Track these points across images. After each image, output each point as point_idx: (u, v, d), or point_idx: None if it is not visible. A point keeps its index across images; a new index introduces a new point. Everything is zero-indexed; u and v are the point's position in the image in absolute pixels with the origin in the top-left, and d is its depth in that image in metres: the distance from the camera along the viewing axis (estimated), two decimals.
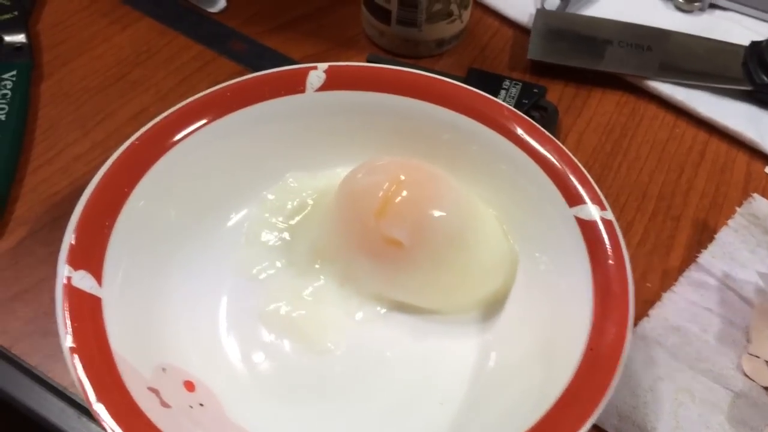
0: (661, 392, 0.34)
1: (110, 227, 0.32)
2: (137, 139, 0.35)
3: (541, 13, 0.49)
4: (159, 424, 0.27)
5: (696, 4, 0.51)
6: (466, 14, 0.47)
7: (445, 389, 0.34)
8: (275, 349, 0.35)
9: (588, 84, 0.47)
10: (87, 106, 0.44)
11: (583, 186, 0.34)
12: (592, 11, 0.50)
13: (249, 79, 0.38)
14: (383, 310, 0.36)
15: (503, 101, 0.40)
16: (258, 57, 0.47)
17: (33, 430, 0.33)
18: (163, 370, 0.31)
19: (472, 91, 0.38)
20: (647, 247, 0.39)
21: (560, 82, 0.47)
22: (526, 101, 0.44)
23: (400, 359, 0.35)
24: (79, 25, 0.48)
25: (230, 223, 0.37)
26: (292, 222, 0.38)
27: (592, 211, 0.33)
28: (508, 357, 0.33)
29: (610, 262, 0.31)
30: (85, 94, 0.44)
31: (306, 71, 0.38)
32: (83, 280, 0.30)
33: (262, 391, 0.33)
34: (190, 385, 0.32)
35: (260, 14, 0.50)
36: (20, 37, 0.45)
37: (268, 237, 0.37)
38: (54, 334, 0.35)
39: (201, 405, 0.31)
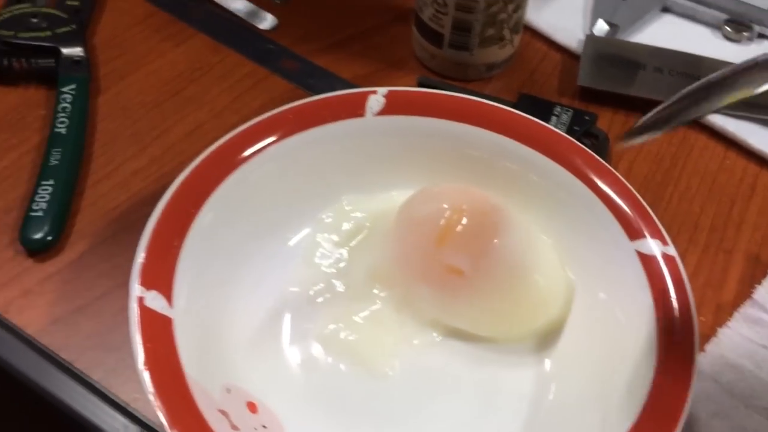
0: (716, 429, 0.34)
1: (178, 248, 0.33)
2: (202, 161, 0.35)
3: (591, 39, 0.49)
4: None
5: (745, 34, 0.51)
6: (517, 39, 0.48)
7: (500, 421, 0.34)
8: (333, 371, 0.35)
9: (638, 111, 0.47)
10: (143, 121, 0.45)
11: (644, 220, 0.34)
12: (641, 38, 0.51)
13: (310, 102, 0.38)
14: (439, 337, 0.36)
15: (554, 128, 0.41)
16: (309, 76, 0.48)
17: None
18: (228, 390, 0.32)
19: (530, 119, 0.39)
20: (700, 281, 0.40)
21: (609, 109, 0.47)
22: (578, 128, 0.44)
23: (455, 387, 0.35)
24: (135, 40, 0.49)
25: (290, 244, 0.38)
26: (350, 245, 0.38)
27: (653, 245, 0.34)
28: (567, 392, 0.34)
29: (674, 302, 0.32)
30: (142, 108, 0.45)
31: (366, 95, 0.39)
32: (155, 301, 0.31)
33: (321, 413, 0.34)
34: (252, 407, 0.32)
35: (311, 33, 0.50)
36: (78, 51, 0.46)
37: (326, 259, 0.38)
38: (116, 349, 0.36)
39: (264, 427, 0.32)
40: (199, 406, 0.29)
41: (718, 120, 0.46)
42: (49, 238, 0.38)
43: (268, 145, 0.37)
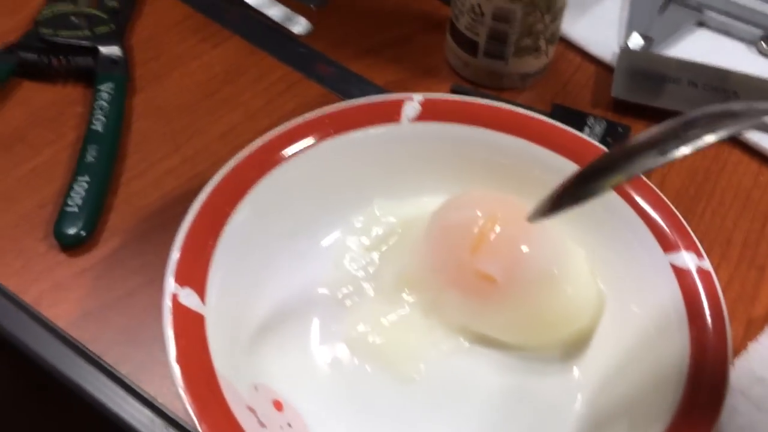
0: None
1: (213, 246, 0.33)
2: (239, 161, 0.35)
3: (626, 52, 0.49)
4: None
5: None
6: (552, 49, 0.48)
7: (528, 427, 0.34)
8: (360, 373, 0.35)
9: None
10: (178, 121, 0.45)
11: (679, 232, 0.34)
12: (675, 52, 0.50)
13: (347, 106, 0.38)
14: (467, 343, 0.36)
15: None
16: (342, 81, 0.48)
17: None
18: (255, 388, 0.32)
19: (564, 129, 0.38)
20: (732, 295, 0.39)
21: (643, 122, 0.47)
22: (611, 140, 0.44)
23: (483, 393, 0.35)
24: (172, 42, 0.49)
25: (321, 246, 0.38)
26: (381, 249, 0.38)
27: (687, 259, 0.33)
28: (594, 402, 0.33)
29: (708, 318, 0.31)
30: (176, 109, 0.46)
31: (402, 101, 0.39)
32: (189, 298, 0.31)
33: (345, 414, 0.34)
34: (278, 405, 0.33)
35: (345, 38, 0.50)
36: (116, 50, 0.47)
37: (356, 262, 0.38)
38: (145, 344, 0.36)
39: (289, 426, 0.32)
40: (228, 402, 0.29)
41: (754, 136, 0.46)
42: (83, 233, 0.39)
43: (305, 148, 0.37)
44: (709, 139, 0.25)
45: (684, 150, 0.25)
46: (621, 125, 0.45)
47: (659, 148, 0.25)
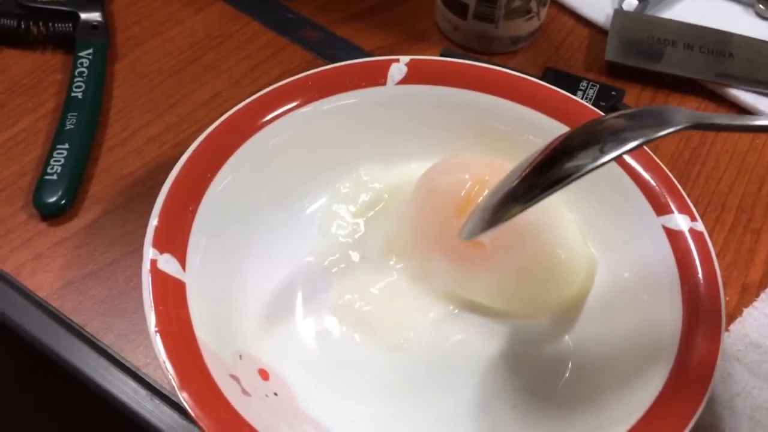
0: (738, 409, 0.33)
1: (193, 212, 0.32)
2: (219, 125, 0.34)
3: (620, 14, 0.48)
4: (242, 412, 0.27)
5: None
6: (544, 11, 0.47)
7: (517, 393, 0.33)
8: (347, 342, 0.34)
9: (665, 88, 0.46)
10: (160, 88, 0.44)
11: (672, 194, 0.33)
12: (671, 14, 0.49)
13: (331, 69, 0.37)
14: (456, 310, 0.35)
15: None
16: (330, 46, 0.47)
17: (105, 409, 0.34)
18: (240, 357, 0.31)
19: (556, 91, 0.37)
20: (726, 260, 0.38)
21: (637, 85, 0.46)
22: (604, 103, 0.43)
23: (472, 360, 0.34)
24: (153, 7, 0.48)
25: (306, 213, 0.37)
26: (368, 215, 0.37)
27: (680, 221, 0.33)
28: (585, 369, 0.33)
29: (700, 277, 0.31)
30: (159, 76, 0.44)
31: (388, 63, 0.38)
32: (168, 264, 0.30)
33: (334, 383, 0.33)
34: (264, 374, 0.32)
35: (332, 3, 0.49)
36: (96, 16, 0.45)
37: (342, 229, 0.37)
38: (127, 314, 0.35)
39: (275, 394, 0.31)
40: (210, 370, 0.28)
41: (749, 98, 0.45)
42: (63, 202, 0.38)
43: (286, 112, 0.36)
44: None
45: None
46: (615, 89, 0.44)
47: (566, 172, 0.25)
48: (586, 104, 0.37)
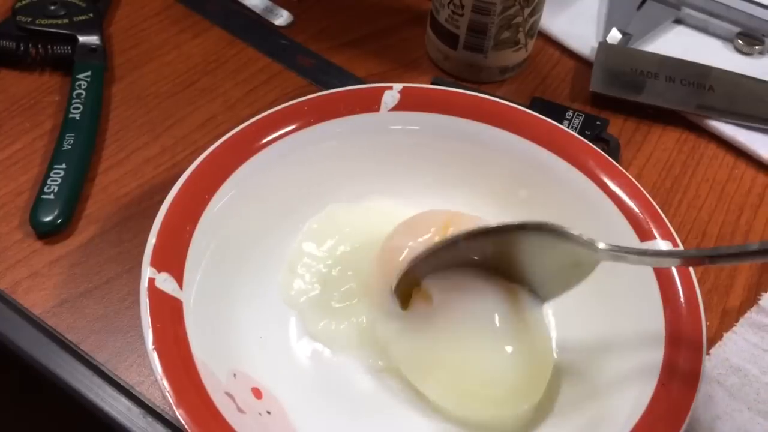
0: (719, 431, 0.34)
1: (191, 232, 0.33)
2: (219, 146, 0.35)
3: (604, 46, 0.49)
4: (238, 429, 0.28)
5: (756, 47, 0.51)
6: (532, 43, 0.48)
7: None
8: (337, 362, 0.35)
9: (648, 119, 0.47)
10: (157, 110, 0.45)
11: (655, 221, 0.34)
12: (653, 48, 0.51)
13: (326, 94, 0.39)
14: None
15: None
16: (323, 73, 0.48)
17: (98, 428, 0.34)
18: (234, 375, 0.32)
19: (543, 119, 0.39)
20: (707, 286, 0.40)
21: (621, 116, 0.47)
22: (589, 133, 0.45)
23: None
24: (151, 31, 0.49)
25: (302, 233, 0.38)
26: (359, 243, 0.38)
27: (663, 248, 0.34)
28: (570, 393, 0.33)
29: (682, 301, 0.32)
30: (155, 99, 0.45)
31: (381, 90, 0.39)
32: (166, 282, 0.31)
33: (326, 402, 0.34)
34: (257, 393, 0.32)
35: (326, 31, 0.50)
36: (94, 39, 0.46)
37: (308, 268, 0.37)
38: (121, 333, 0.36)
39: (268, 413, 0.32)
40: (206, 388, 0.29)
41: (728, 129, 0.46)
42: (59, 221, 0.38)
43: (284, 134, 0.37)
44: None
45: None
46: (599, 118, 0.45)
47: None
48: (573, 133, 0.38)
